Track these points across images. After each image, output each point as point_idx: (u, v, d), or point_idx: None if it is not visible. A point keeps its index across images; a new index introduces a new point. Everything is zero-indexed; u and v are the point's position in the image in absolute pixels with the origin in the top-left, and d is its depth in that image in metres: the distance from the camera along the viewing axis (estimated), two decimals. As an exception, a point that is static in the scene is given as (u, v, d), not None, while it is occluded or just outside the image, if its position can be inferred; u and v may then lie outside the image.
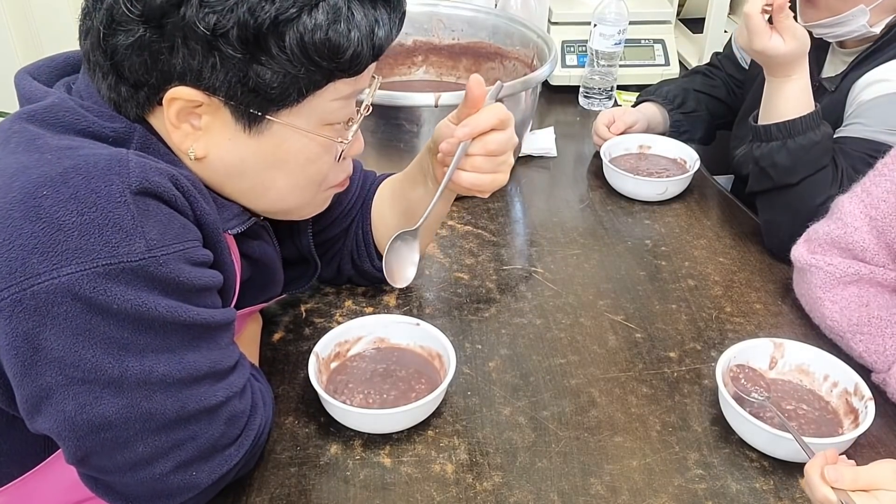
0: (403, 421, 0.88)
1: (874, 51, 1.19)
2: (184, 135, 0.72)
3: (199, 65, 0.67)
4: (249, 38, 0.66)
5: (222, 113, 0.71)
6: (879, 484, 0.72)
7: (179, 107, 0.70)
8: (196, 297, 0.69)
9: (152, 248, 0.64)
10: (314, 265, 1.00)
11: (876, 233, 0.97)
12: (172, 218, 0.67)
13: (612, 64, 1.63)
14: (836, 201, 1.03)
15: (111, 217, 0.62)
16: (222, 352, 0.73)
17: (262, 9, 0.65)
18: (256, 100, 0.70)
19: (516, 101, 1.28)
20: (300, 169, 0.78)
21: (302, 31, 0.67)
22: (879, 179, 0.98)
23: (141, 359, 0.66)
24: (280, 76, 0.69)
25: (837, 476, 0.73)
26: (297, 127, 0.74)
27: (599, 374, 0.98)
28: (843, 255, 1.00)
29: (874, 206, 0.97)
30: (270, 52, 0.67)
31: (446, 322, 1.06)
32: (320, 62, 0.69)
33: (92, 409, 0.65)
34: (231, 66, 0.67)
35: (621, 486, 0.84)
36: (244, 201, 0.80)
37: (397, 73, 1.56)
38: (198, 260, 0.69)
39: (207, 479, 0.73)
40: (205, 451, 0.72)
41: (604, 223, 1.30)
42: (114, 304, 0.63)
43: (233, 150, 0.74)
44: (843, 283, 1.00)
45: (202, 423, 0.71)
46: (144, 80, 0.69)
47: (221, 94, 0.69)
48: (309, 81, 0.71)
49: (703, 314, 1.09)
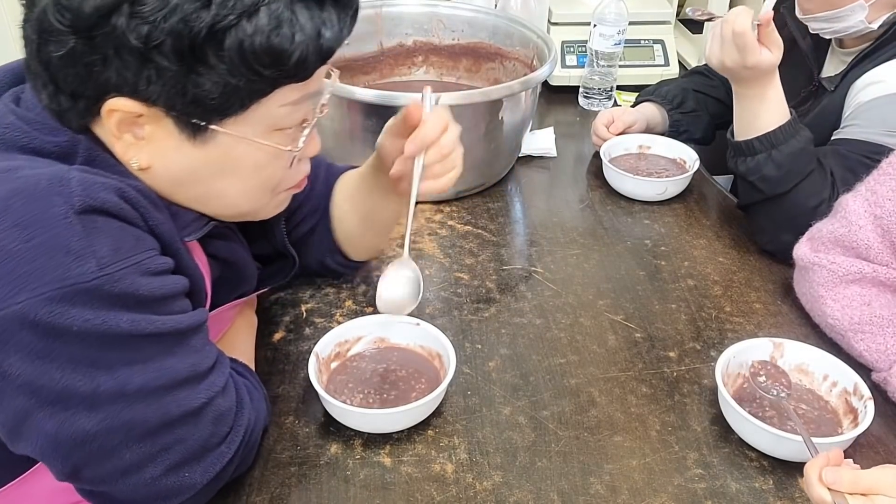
0: (403, 421, 0.88)
1: (873, 50, 1.18)
2: (126, 145, 0.69)
3: (133, 77, 0.64)
4: (185, 49, 0.62)
5: (165, 122, 0.68)
6: (879, 489, 0.71)
7: (120, 118, 0.67)
8: (160, 306, 0.68)
9: (104, 265, 0.62)
10: (292, 259, 0.99)
11: (881, 231, 0.97)
12: (124, 231, 0.65)
13: (611, 64, 1.63)
14: (840, 200, 1.03)
15: (58, 240, 0.61)
16: (198, 354, 0.72)
17: (196, 18, 0.61)
18: (198, 110, 0.67)
19: (516, 102, 1.28)
20: (250, 176, 0.75)
21: (241, 38, 0.63)
22: (884, 178, 0.98)
23: (112, 373, 0.65)
24: (220, 86, 0.65)
25: (835, 478, 0.72)
26: (243, 136, 0.71)
27: (599, 374, 0.98)
28: (846, 253, 1.00)
29: (879, 205, 0.97)
30: (208, 63, 0.64)
31: (446, 322, 1.06)
32: (263, 70, 0.65)
33: (70, 425, 0.65)
34: (168, 77, 0.64)
35: (621, 485, 0.84)
36: (197, 208, 0.77)
37: (397, 73, 1.56)
38: (156, 269, 0.67)
39: (202, 479, 0.73)
40: (195, 452, 0.72)
41: (603, 223, 1.30)
42: (73, 326, 0.62)
43: (179, 159, 0.71)
44: (846, 281, 1.00)
45: (188, 425, 0.71)
46: (81, 92, 0.66)
47: (161, 105, 0.66)
48: (252, 90, 0.67)
49: (702, 314, 1.09)
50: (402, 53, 1.54)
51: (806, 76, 1.31)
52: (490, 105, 1.24)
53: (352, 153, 1.29)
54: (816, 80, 1.27)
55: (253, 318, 1.01)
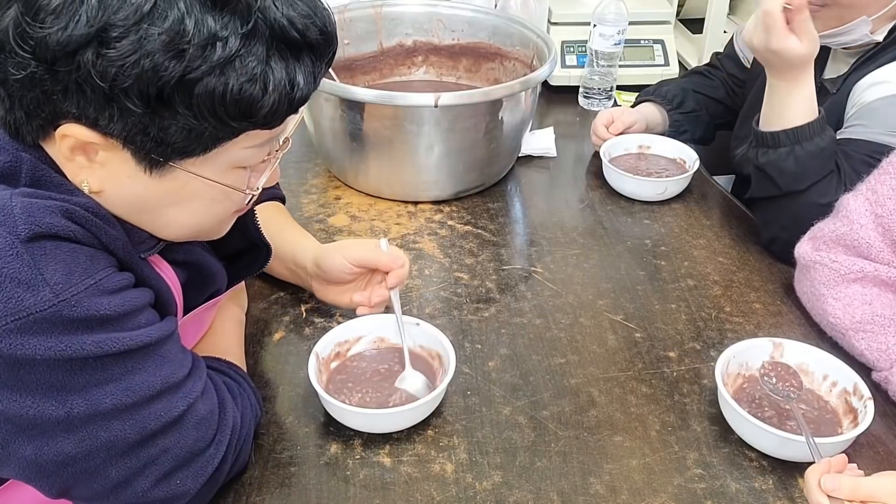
0: (403, 421, 0.88)
1: (876, 52, 1.18)
2: (78, 168, 0.66)
3: (94, 112, 0.61)
4: (152, 95, 0.60)
5: (121, 152, 0.65)
6: (878, 496, 0.71)
7: (72, 143, 0.64)
8: (124, 323, 0.66)
9: (59, 292, 0.61)
10: (265, 249, 0.97)
11: (881, 230, 0.97)
12: (76, 253, 0.63)
13: (611, 64, 1.63)
14: (842, 199, 1.03)
15: (6, 272, 0.59)
16: (172, 364, 0.71)
17: (168, 67, 0.59)
18: (158, 149, 0.64)
19: (516, 102, 1.28)
20: (204, 209, 0.73)
21: (212, 88, 0.61)
22: (885, 177, 0.98)
23: (84, 395, 0.64)
24: (185, 131, 0.63)
25: (834, 486, 0.72)
26: (202, 176, 0.69)
27: (599, 374, 0.98)
28: (848, 252, 1.01)
29: (880, 204, 0.97)
30: (174, 109, 0.61)
31: (446, 322, 1.06)
32: (231, 121, 0.64)
33: (50, 449, 0.64)
34: (130, 119, 0.62)
35: (621, 485, 0.84)
36: (148, 230, 0.75)
37: (397, 73, 1.56)
38: (114, 287, 0.66)
39: (195, 484, 0.73)
40: (182, 459, 0.72)
41: (603, 223, 1.30)
42: (37, 356, 0.61)
43: (132, 187, 0.68)
44: (847, 280, 1.00)
45: (170, 435, 0.70)
46: (36, 114, 0.63)
47: (119, 139, 0.64)
48: (216, 136, 0.65)
49: (702, 314, 1.09)
50: (401, 53, 1.54)
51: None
52: (490, 105, 1.24)
53: (352, 153, 1.29)
54: (819, 82, 1.26)
55: (240, 315, 1.00)
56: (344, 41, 1.48)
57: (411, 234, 1.24)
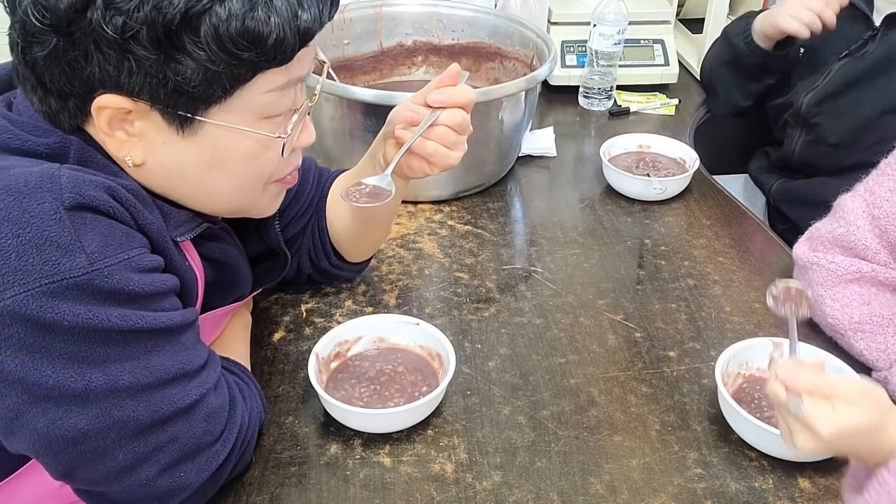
0: (403, 421, 0.88)
1: None
2: (119, 143, 0.70)
3: (115, 70, 0.65)
4: (161, 37, 0.63)
5: (153, 117, 0.69)
6: (842, 395, 0.66)
7: (109, 115, 0.68)
8: (150, 303, 0.68)
9: (94, 261, 0.63)
10: (284, 258, 0.99)
11: (878, 232, 0.97)
12: (113, 229, 0.66)
13: (611, 64, 1.63)
14: (840, 199, 1.03)
15: (47, 235, 0.61)
16: (189, 352, 0.72)
17: (169, 5, 0.62)
18: (182, 100, 0.68)
19: (516, 101, 1.28)
20: (241, 167, 0.75)
21: (216, 23, 0.64)
22: (883, 179, 0.98)
23: (103, 370, 0.65)
24: (200, 73, 0.66)
25: (793, 377, 0.66)
26: (230, 125, 0.71)
27: (599, 374, 0.98)
28: (845, 253, 1.00)
29: (877, 206, 0.97)
30: (185, 49, 0.64)
31: (446, 322, 1.06)
32: (240, 54, 0.66)
33: (63, 423, 0.65)
34: (147, 67, 0.65)
35: (621, 485, 0.84)
36: (192, 205, 0.78)
37: (397, 73, 1.56)
38: (146, 266, 0.68)
39: (198, 479, 0.73)
40: (189, 451, 0.72)
41: (603, 223, 1.30)
42: (64, 321, 0.62)
43: (170, 153, 0.72)
44: (845, 281, 1.00)
45: (180, 423, 0.71)
46: (69, 91, 0.67)
47: (146, 98, 0.67)
48: (232, 75, 0.67)
49: (702, 314, 1.09)
50: (401, 53, 1.54)
51: (863, 23, 1.36)
52: (490, 105, 1.24)
53: (352, 153, 1.29)
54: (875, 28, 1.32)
55: (247, 317, 1.01)
56: (344, 41, 1.48)
57: (411, 233, 1.24)
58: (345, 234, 1.02)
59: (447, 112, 0.86)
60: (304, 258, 1.05)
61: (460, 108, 0.87)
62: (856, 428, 0.67)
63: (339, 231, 1.02)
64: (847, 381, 0.69)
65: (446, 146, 0.87)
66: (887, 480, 0.67)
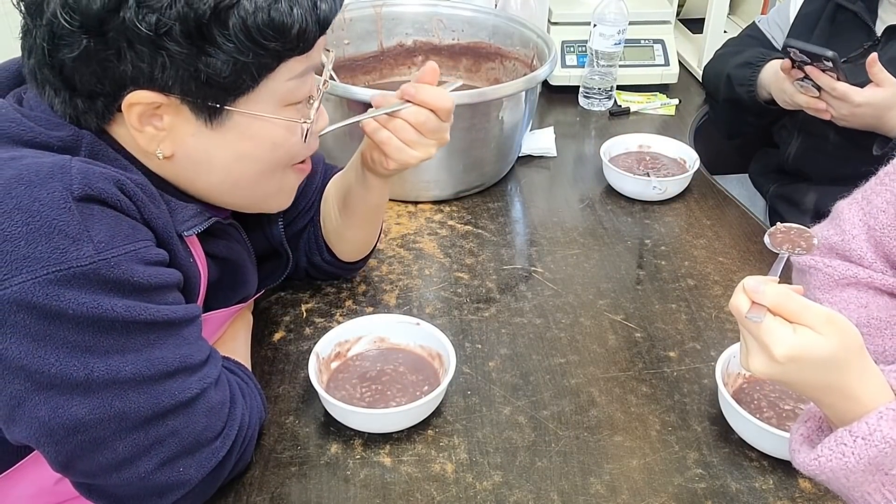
0: (403, 421, 0.88)
1: None
2: (149, 137, 0.72)
3: (148, 67, 0.67)
4: (193, 32, 0.66)
5: (182, 110, 0.71)
6: (806, 321, 0.61)
7: (140, 111, 0.70)
8: (154, 295, 0.69)
9: (101, 250, 0.64)
10: (286, 258, 1.00)
11: (873, 242, 0.97)
12: (120, 221, 0.67)
13: (611, 64, 1.63)
14: (837, 206, 1.03)
15: (56, 224, 0.62)
16: (191, 346, 0.73)
17: (200, 1, 0.65)
18: (212, 92, 0.70)
19: (516, 101, 1.28)
20: (268, 154, 0.78)
21: (244, 15, 0.67)
22: (880, 189, 0.97)
23: (106, 360, 0.66)
24: (230, 65, 0.69)
25: (757, 288, 0.61)
26: (257, 113, 0.74)
27: (599, 374, 0.98)
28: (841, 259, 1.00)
29: (873, 216, 0.97)
30: (216, 42, 0.67)
31: (446, 322, 1.06)
32: (267, 44, 0.69)
33: (64, 412, 0.65)
34: (180, 62, 0.67)
35: (621, 485, 0.84)
36: (215, 196, 0.80)
37: (397, 73, 1.56)
38: (151, 259, 0.69)
39: (197, 475, 0.73)
40: (188, 445, 0.72)
41: (603, 223, 1.30)
42: (69, 310, 0.63)
43: (198, 145, 0.74)
44: (842, 284, 1.00)
45: (180, 417, 0.71)
46: (99, 90, 0.69)
47: (177, 92, 0.69)
48: (259, 65, 0.71)
49: (702, 314, 1.09)
50: (402, 53, 1.54)
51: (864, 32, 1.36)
52: (490, 105, 1.24)
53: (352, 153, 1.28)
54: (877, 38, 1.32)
55: (248, 317, 1.01)
56: (344, 41, 1.48)
57: (411, 234, 1.25)
58: (333, 232, 1.03)
59: (412, 108, 0.87)
60: (301, 253, 1.05)
61: (431, 109, 0.86)
62: (815, 357, 0.60)
63: (330, 230, 1.03)
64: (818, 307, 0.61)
65: (403, 141, 0.88)
66: (845, 441, 0.61)
